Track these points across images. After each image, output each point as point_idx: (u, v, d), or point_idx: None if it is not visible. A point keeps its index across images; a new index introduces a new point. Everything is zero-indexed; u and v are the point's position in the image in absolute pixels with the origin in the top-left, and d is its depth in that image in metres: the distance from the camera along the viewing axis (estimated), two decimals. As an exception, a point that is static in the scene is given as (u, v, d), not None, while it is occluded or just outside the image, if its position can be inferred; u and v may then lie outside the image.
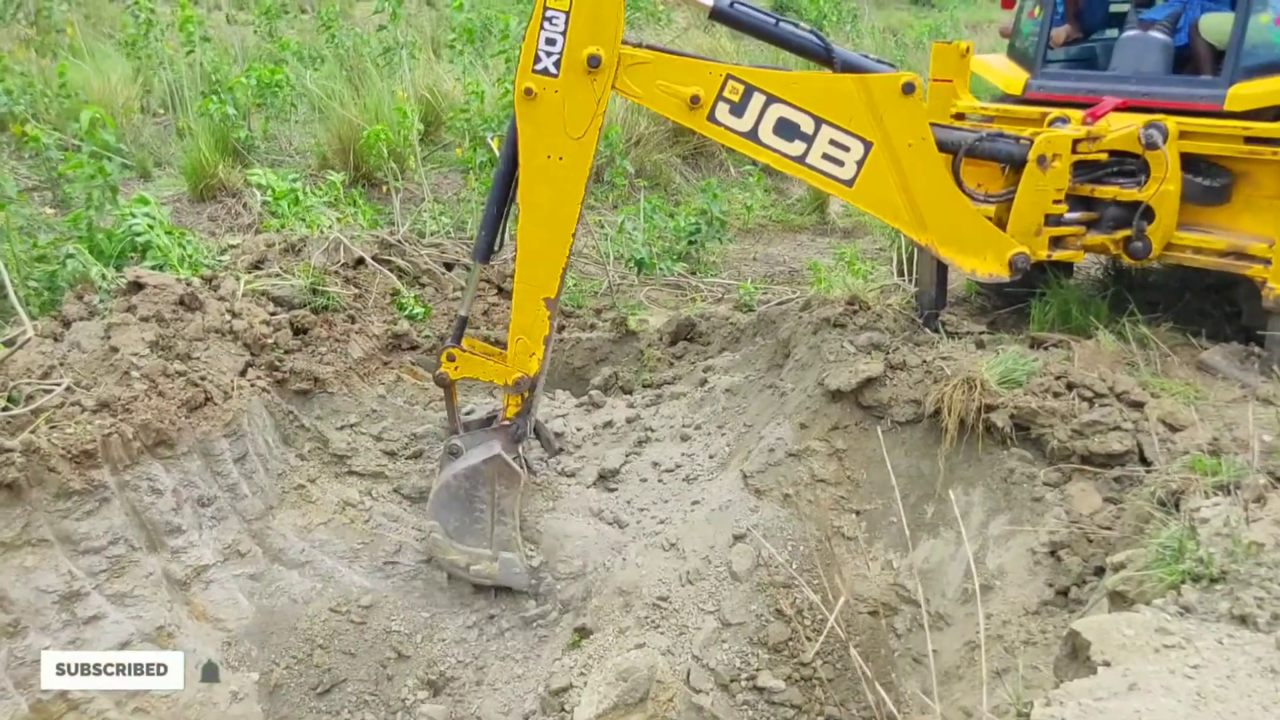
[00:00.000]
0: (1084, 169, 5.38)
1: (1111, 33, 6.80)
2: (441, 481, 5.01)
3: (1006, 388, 5.08)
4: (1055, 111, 5.59)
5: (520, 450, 5.06)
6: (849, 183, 4.81)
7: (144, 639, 4.52)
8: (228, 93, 8.61)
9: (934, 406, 5.11)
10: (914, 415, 5.23)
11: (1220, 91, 5.37)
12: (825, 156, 4.75)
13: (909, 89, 4.66)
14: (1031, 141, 5.19)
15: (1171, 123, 5.31)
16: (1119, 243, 5.51)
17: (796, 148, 4.72)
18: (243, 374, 5.52)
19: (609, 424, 6.03)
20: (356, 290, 6.57)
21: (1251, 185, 5.35)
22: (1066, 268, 6.58)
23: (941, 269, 6.10)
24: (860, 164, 4.77)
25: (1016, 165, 5.25)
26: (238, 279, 6.11)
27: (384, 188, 8.34)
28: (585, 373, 6.68)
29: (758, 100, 4.62)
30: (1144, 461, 4.70)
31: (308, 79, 9.83)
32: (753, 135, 4.68)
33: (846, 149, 4.74)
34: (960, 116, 6.10)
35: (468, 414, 5.46)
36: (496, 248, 4.89)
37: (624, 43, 4.47)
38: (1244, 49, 5.38)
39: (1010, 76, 6.24)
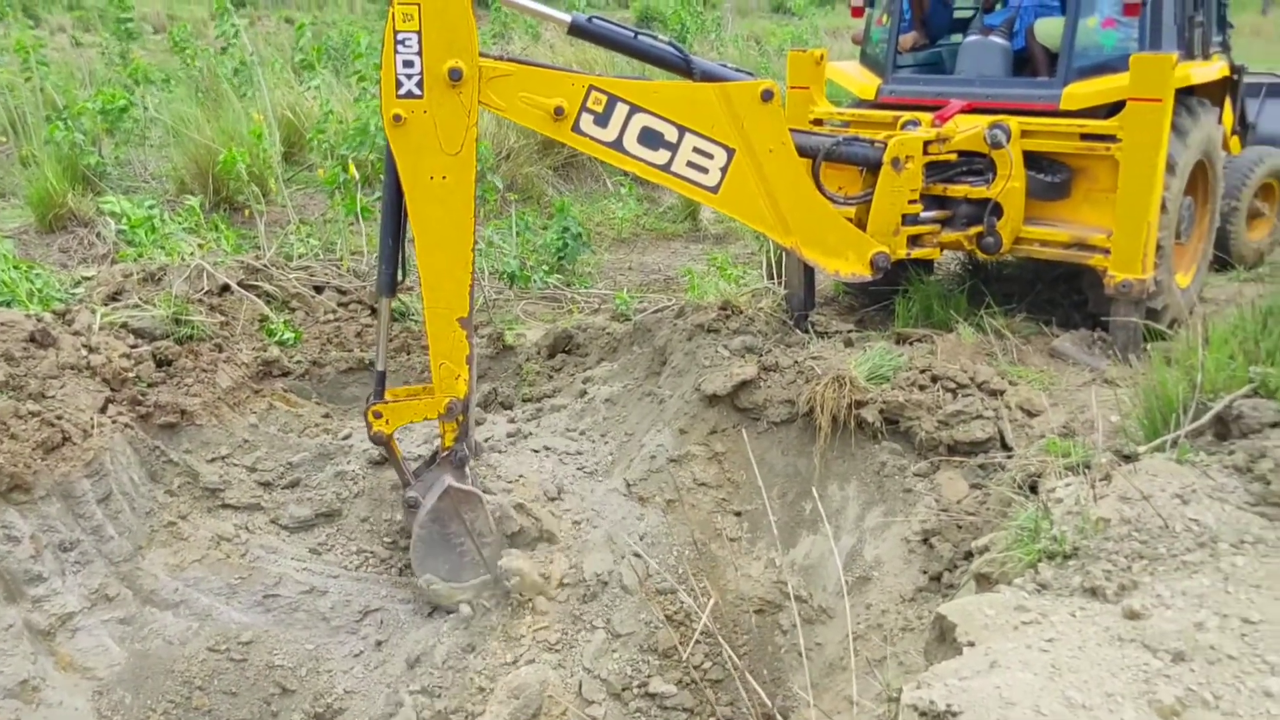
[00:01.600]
0: (936, 169, 5.61)
1: (956, 38, 7.10)
2: (414, 537, 4.91)
3: (875, 384, 5.25)
4: (906, 115, 5.81)
5: (468, 470, 4.98)
6: (714, 189, 4.90)
7: (7, 695, 4.30)
8: (75, 118, 8.26)
9: (807, 405, 5.25)
10: (789, 415, 5.36)
11: (1056, 92, 5.67)
12: (690, 164, 4.83)
13: (767, 96, 4.78)
14: (885, 145, 5.38)
15: (1014, 123, 5.58)
16: (972, 239, 5.76)
17: (661, 156, 4.79)
18: (103, 411, 5.30)
19: (489, 440, 5.99)
20: (222, 318, 6.38)
21: (1089, 180, 5.66)
22: (927, 265, 6.83)
23: (808, 271, 6.27)
24: (724, 171, 4.87)
25: (873, 168, 5.44)
26: (94, 312, 5.87)
27: (246, 211, 8.13)
28: (464, 390, 6.62)
29: (621, 110, 4.67)
30: (1005, 447, 4.93)
31: (159, 103, 9.50)
32: (618, 145, 4.73)
33: (710, 156, 4.83)
34: (818, 122, 6.29)
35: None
36: (400, 278, 4.79)
37: (485, 55, 4.47)
38: (1075, 51, 5.69)
39: (863, 82, 6.46)
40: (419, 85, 4.31)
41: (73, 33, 16.16)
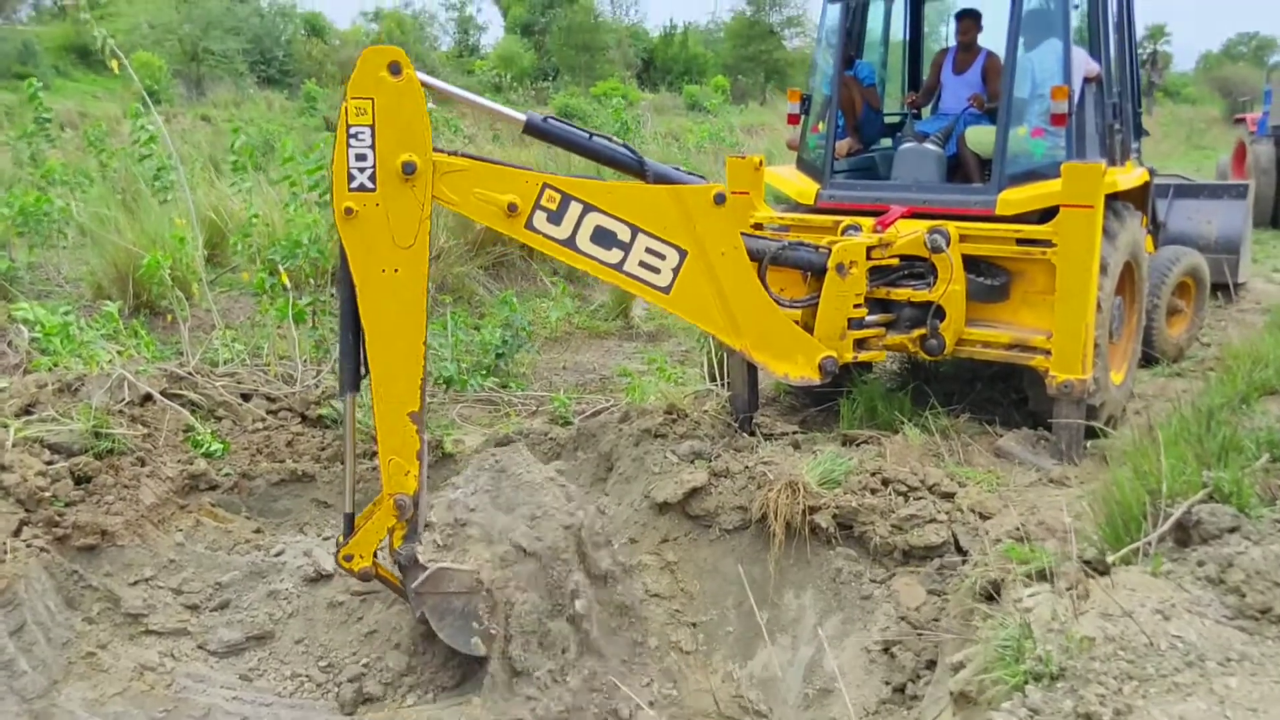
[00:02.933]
0: (878, 273, 5.68)
1: (886, 143, 7.29)
2: (441, 638, 4.72)
3: (827, 488, 5.20)
4: (847, 220, 5.90)
5: (419, 557, 4.73)
6: (666, 290, 4.87)
7: None
8: (-14, 222, 7.96)
9: (760, 512, 5.17)
10: (741, 522, 5.27)
11: (991, 197, 5.81)
12: (642, 264, 4.80)
13: (720, 199, 4.81)
14: (829, 250, 5.44)
15: (952, 227, 5.70)
16: (916, 341, 5.81)
17: (614, 255, 4.76)
18: (17, 534, 4.96)
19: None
20: (145, 429, 6.08)
21: (1027, 282, 5.78)
22: (866, 365, 6.88)
23: (752, 372, 6.26)
24: (676, 271, 4.84)
25: (817, 272, 5.48)
26: (6, 427, 5.54)
27: (169, 316, 7.86)
28: (401, 500, 6.39)
29: (575, 208, 4.63)
30: (960, 551, 4.90)
31: (75, 204, 9.21)
32: (570, 243, 4.68)
33: (663, 257, 4.81)
34: (759, 226, 6.34)
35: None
36: (363, 373, 4.59)
37: (438, 150, 4.41)
38: (1007, 158, 5.87)
39: (801, 187, 6.56)
40: (371, 179, 4.22)
41: (-20, 131, 15.74)
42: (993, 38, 7.18)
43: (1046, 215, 5.66)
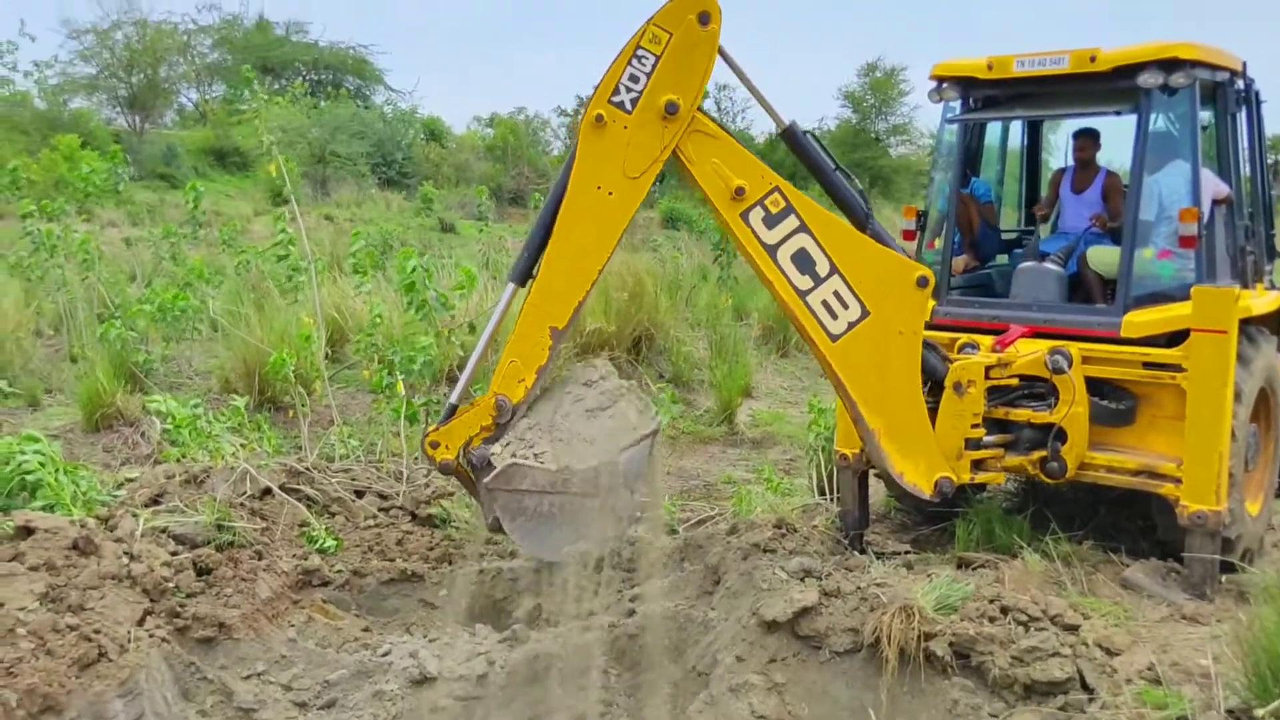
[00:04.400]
0: (997, 393, 5.57)
1: (1003, 260, 7.22)
2: (518, 541, 4.77)
3: (943, 614, 5.02)
4: (964, 337, 5.82)
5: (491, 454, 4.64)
6: (834, 337, 4.89)
7: None
8: (129, 317, 8.39)
9: (873, 635, 5.01)
10: (853, 645, 5.11)
11: (1116, 319, 5.68)
12: (824, 303, 4.85)
13: (923, 283, 4.87)
14: (950, 360, 5.37)
15: (1074, 348, 5.57)
16: (1036, 463, 5.65)
17: (805, 282, 4.81)
18: (140, 623, 5.10)
19: (536, 657, 5.74)
20: (263, 523, 6.25)
21: (1154, 406, 5.60)
22: (981, 485, 6.70)
23: (863, 487, 6.16)
24: (852, 326, 4.88)
25: (939, 381, 5.39)
26: (136, 517, 5.76)
27: (290, 411, 8.12)
28: (507, 604, 6.40)
29: (792, 222, 4.74)
30: (1086, 689, 4.66)
31: (211, 300, 9.69)
32: (772, 251, 4.76)
33: (846, 306, 4.86)
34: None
35: None
36: (534, 274, 4.64)
37: (702, 111, 4.56)
38: (1133, 280, 5.74)
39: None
40: (633, 102, 4.39)
41: (124, 228, 16.71)
42: (1113, 154, 7.13)
43: (1173, 338, 5.50)
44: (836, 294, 4.83)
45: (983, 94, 6.48)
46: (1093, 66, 5.77)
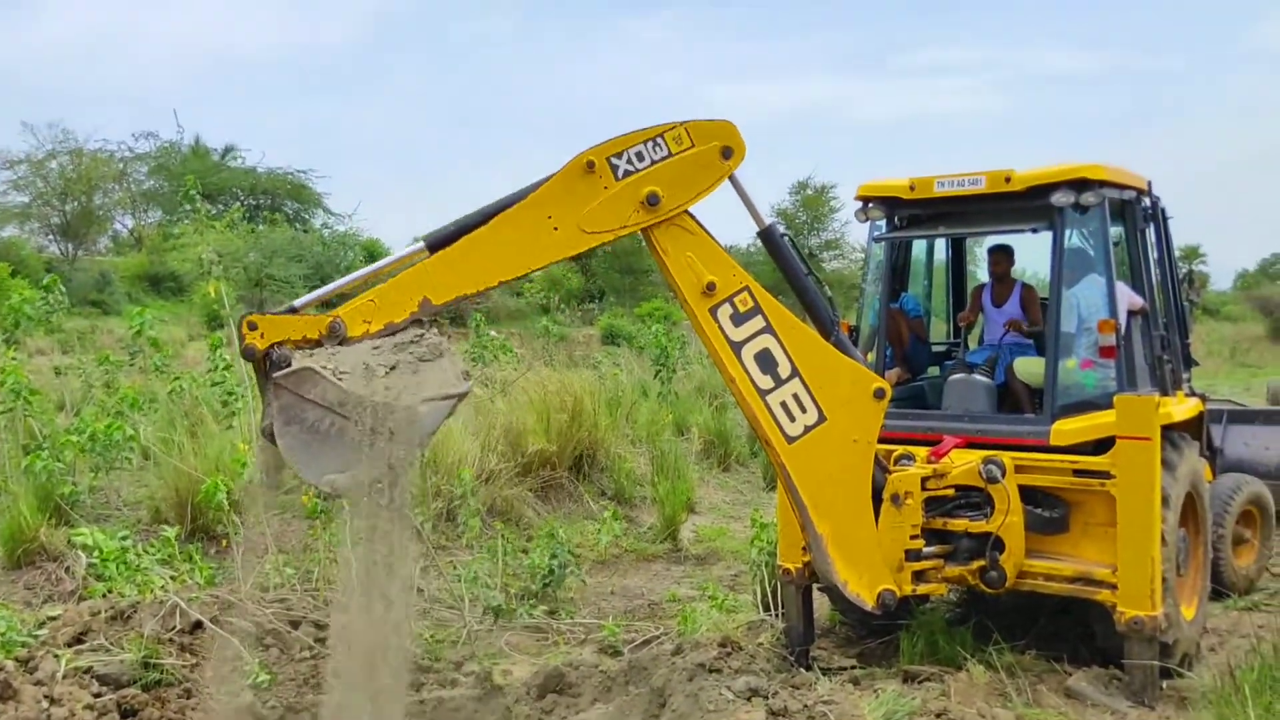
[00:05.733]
0: (934, 504, 5.64)
1: (934, 372, 7.39)
2: (284, 449, 4.21)
3: (892, 731, 4.99)
4: (900, 449, 5.91)
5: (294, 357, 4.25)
6: (791, 439, 4.99)
7: None
8: (56, 448, 8.18)
9: (823, 756, 4.94)
10: (802, 766, 5.03)
11: (1045, 428, 5.82)
12: (784, 405, 4.95)
13: (879, 394, 5.02)
14: (889, 471, 5.45)
15: (1007, 458, 5.68)
16: (975, 573, 5.70)
17: (766, 382, 4.92)
18: (60, 772, 4.86)
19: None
20: (193, 659, 6.02)
21: (1086, 513, 5.71)
22: (924, 596, 6.71)
23: (807, 602, 6.14)
24: (808, 429, 4.98)
25: (876, 492, 5.44)
26: (58, 658, 5.52)
27: (223, 540, 7.92)
28: (448, 736, 6.20)
29: (758, 322, 4.87)
30: (1037, 803, 4.63)
31: (143, 428, 9.49)
32: (737, 348, 4.86)
33: (804, 410, 4.97)
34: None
35: None
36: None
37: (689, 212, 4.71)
38: (1058, 390, 5.91)
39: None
40: (625, 174, 4.50)
41: (53, 356, 16.42)
42: (1040, 266, 7.38)
43: (1101, 446, 5.64)
44: (796, 396, 4.95)
45: (907, 213, 6.73)
46: (1008, 186, 6.04)
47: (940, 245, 8.04)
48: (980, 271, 8.59)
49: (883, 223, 6.77)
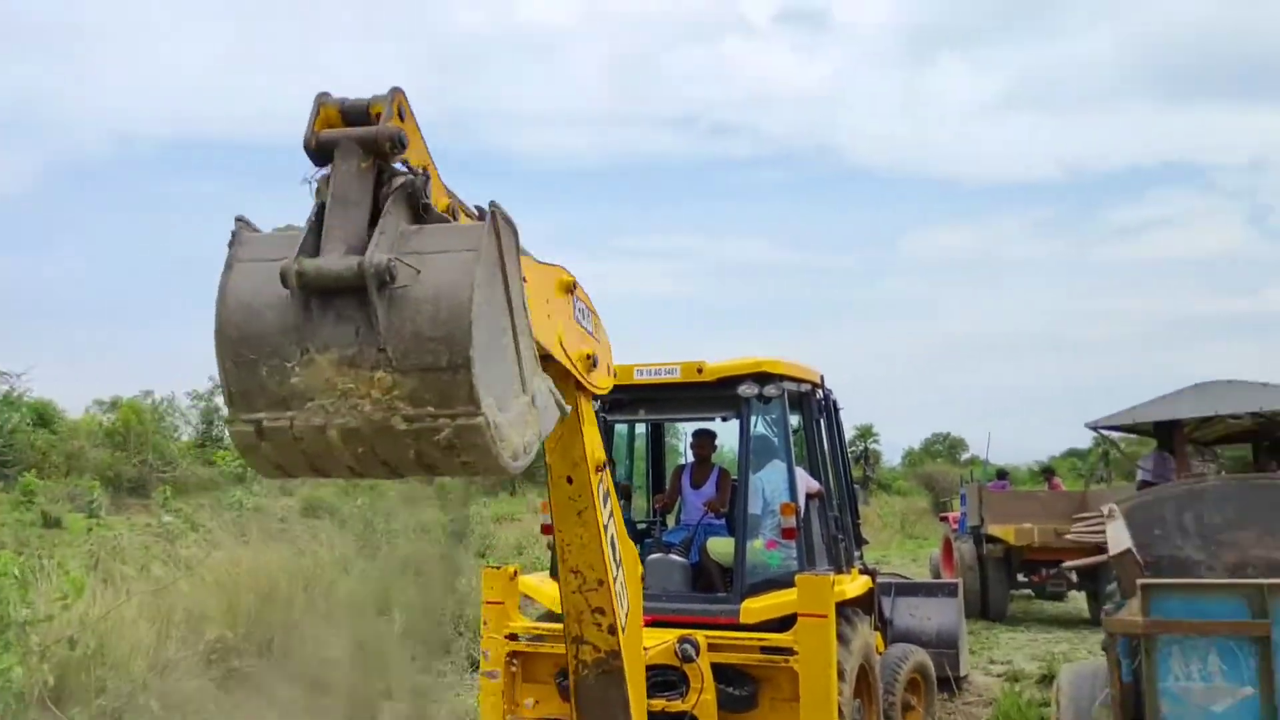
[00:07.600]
0: (632, 684, 5.71)
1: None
2: None
3: None
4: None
5: None
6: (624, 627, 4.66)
7: None
8: None
9: None
10: None
11: (735, 606, 6.13)
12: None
13: None
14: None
15: (701, 636, 5.90)
16: (672, 754, 5.78)
17: (613, 566, 4.57)
18: None
19: None
20: None
21: (774, 689, 6.00)
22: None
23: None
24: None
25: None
26: None
27: None
28: None
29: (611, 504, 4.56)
30: None
31: None
32: (606, 528, 4.48)
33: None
34: (513, 637, 6.32)
35: None
36: None
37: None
38: (747, 569, 6.27)
39: (554, 595, 6.65)
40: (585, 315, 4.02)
41: None
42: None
43: (785, 623, 5.98)
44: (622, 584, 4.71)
45: (609, 398, 7.02)
46: (700, 377, 6.50)
47: (642, 428, 8.43)
48: (683, 452, 9.02)
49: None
